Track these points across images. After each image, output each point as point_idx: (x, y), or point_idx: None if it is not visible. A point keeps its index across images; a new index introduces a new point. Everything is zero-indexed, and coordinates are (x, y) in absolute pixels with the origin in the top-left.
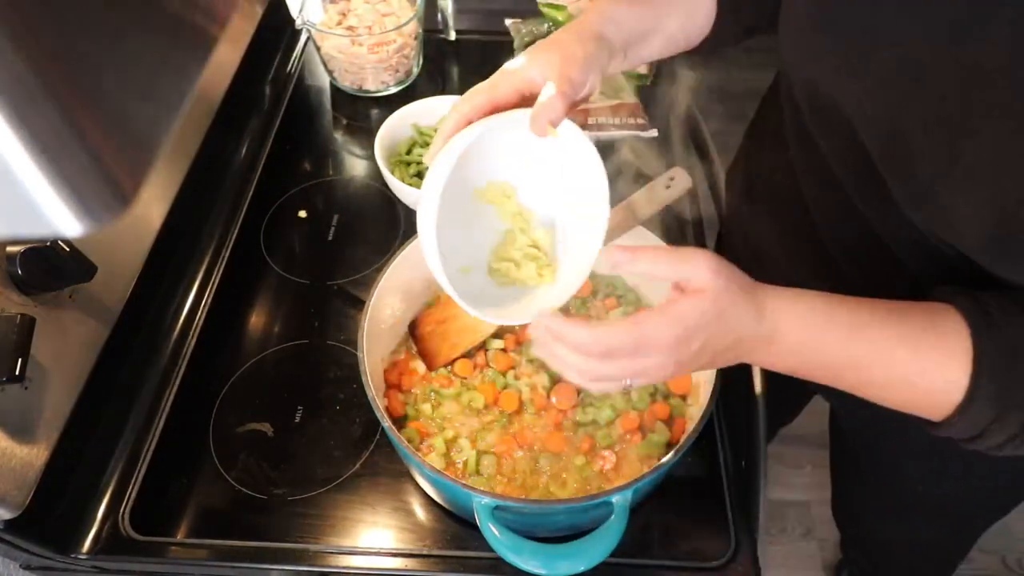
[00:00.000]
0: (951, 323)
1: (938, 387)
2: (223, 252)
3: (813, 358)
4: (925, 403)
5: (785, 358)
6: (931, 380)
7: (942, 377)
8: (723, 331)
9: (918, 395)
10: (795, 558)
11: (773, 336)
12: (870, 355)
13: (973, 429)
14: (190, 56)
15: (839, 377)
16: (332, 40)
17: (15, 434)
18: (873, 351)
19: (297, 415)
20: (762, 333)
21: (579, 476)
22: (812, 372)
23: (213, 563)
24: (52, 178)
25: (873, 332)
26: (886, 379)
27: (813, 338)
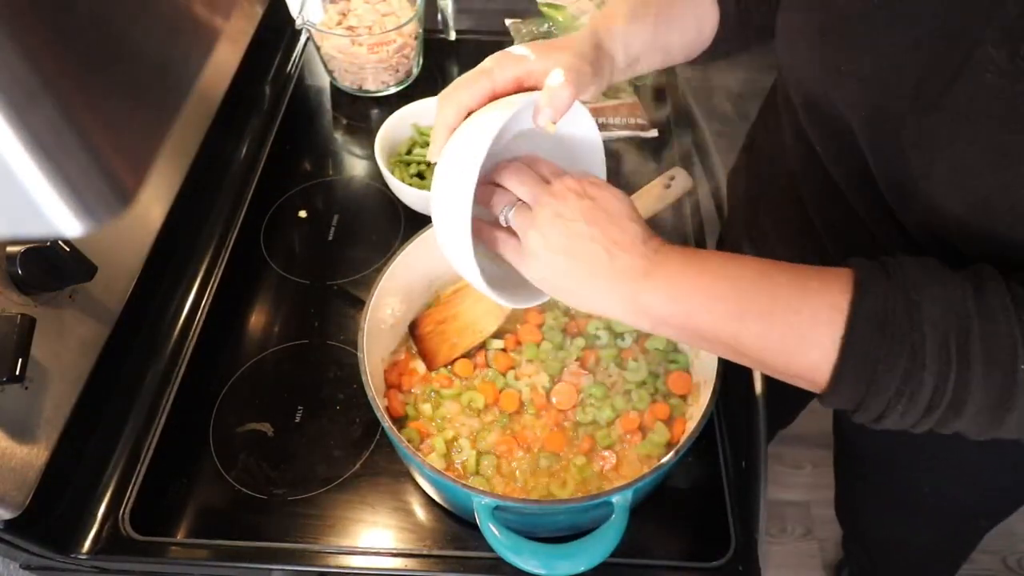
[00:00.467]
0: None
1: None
2: (223, 252)
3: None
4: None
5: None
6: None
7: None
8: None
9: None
10: (795, 558)
11: (654, 264)
12: (750, 305)
13: (855, 395)
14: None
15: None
16: (332, 40)
17: (15, 434)
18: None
19: (297, 415)
20: (643, 252)
21: (579, 476)
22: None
23: (213, 563)
24: (52, 178)
25: (756, 285)
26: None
27: (693, 270)
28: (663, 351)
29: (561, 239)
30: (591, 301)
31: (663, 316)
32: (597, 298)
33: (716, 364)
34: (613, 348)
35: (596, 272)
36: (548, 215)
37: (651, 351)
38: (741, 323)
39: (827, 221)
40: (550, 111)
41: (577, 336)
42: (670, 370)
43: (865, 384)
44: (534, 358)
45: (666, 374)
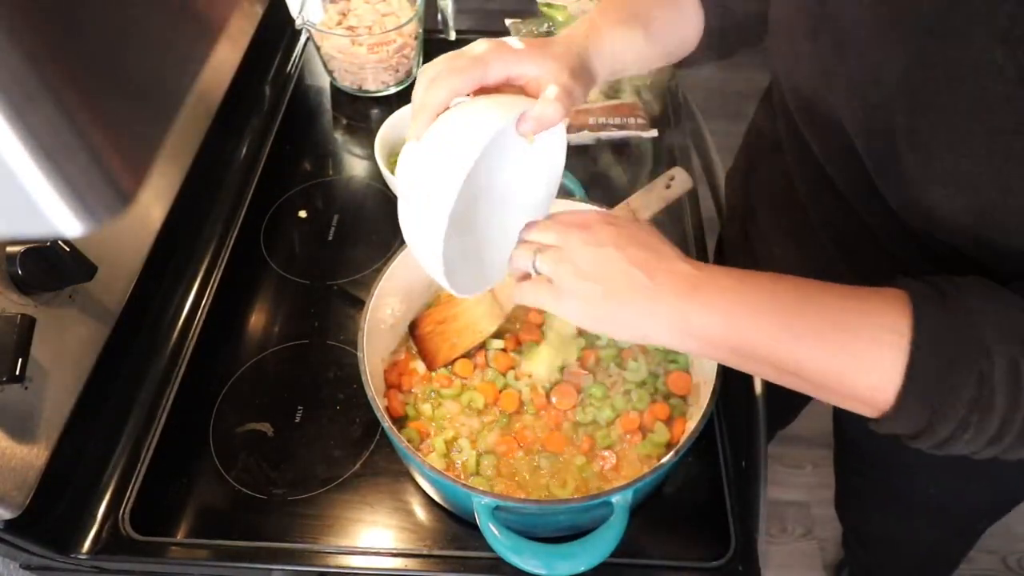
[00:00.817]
0: (890, 308)
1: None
2: (223, 252)
3: (739, 321)
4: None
5: (705, 312)
6: (864, 359)
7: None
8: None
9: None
10: (795, 558)
11: (700, 280)
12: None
13: (919, 420)
14: (190, 54)
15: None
16: (332, 40)
17: (15, 434)
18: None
19: (297, 415)
20: (686, 270)
21: (579, 476)
22: (735, 343)
23: (213, 563)
24: (52, 178)
25: (811, 304)
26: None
27: (745, 287)
28: (663, 351)
29: (595, 266)
30: (634, 327)
31: (714, 336)
32: (641, 323)
33: (716, 364)
34: (613, 348)
35: (637, 295)
36: (577, 244)
37: (651, 351)
38: (799, 343)
39: (826, 220)
40: (534, 123)
41: (577, 336)
42: (670, 370)
43: (930, 411)
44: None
45: (666, 374)
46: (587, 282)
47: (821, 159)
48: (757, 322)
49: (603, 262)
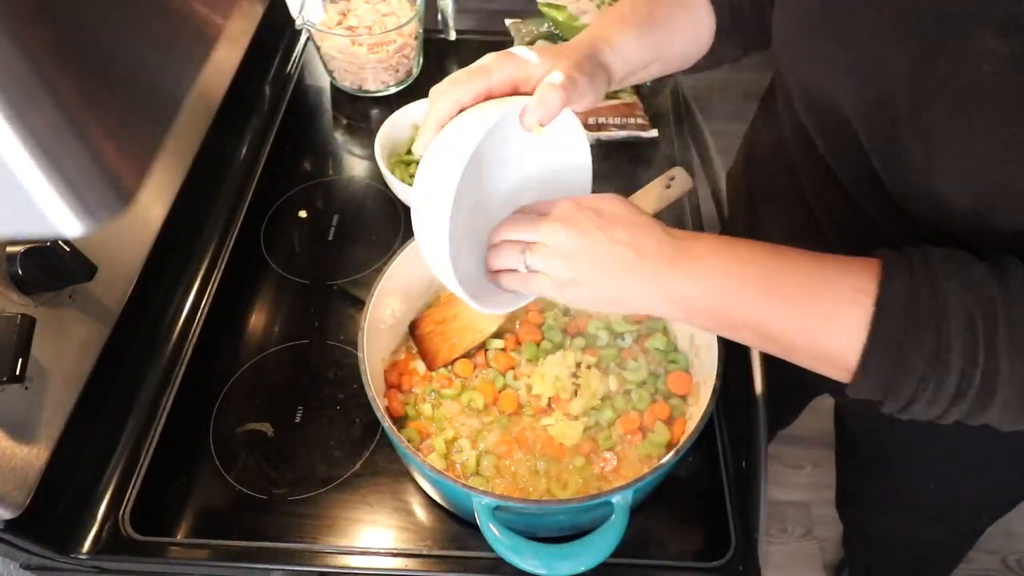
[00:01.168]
0: (862, 264)
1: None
2: (223, 252)
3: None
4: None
5: (686, 279)
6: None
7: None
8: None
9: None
10: (795, 558)
11: (679, 249)
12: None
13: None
14: (190, 54)
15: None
16: (332, 40)
17: (15, 434)
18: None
19: (297, 415)
20: (666, 240)
21: (579, 477)
22: (713, 308)
23: (213, 563)
24: (52, 178)
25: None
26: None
27: (720, 255)
28: (663, 351)
29: (586, 255)
30: (631, 302)
31: (695, 303)
32: (635, 297)
33: (716, 364)
34: (613, 348)
35: (627, 273)
36: (563, 239)
37: (651, 351)
38: (769, 306)
39: (831, 216)
40: (538, 112)
41: (577, 336)
42: (670, 370)
43: (892, 366)
44: (534, 357)
45: (666, 374)
46: (584, 270)
47: (826, 155)
48: (732, 287)
49: (593, 249)
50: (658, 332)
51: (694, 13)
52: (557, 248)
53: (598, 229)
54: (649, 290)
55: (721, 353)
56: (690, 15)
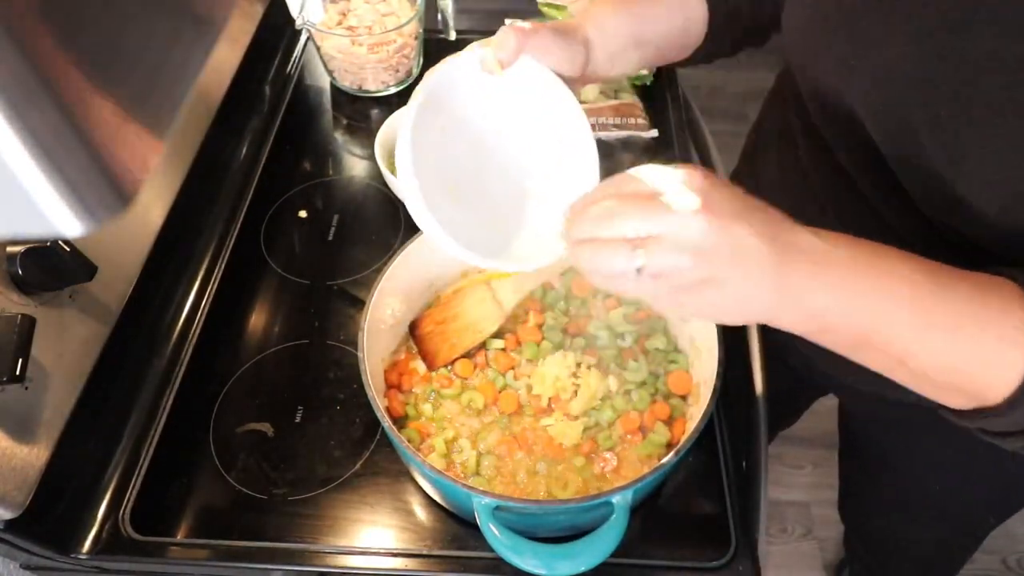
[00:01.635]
0: (1013, 298)
1: (999, 357)
2: (223, 252)
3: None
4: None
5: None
6: (992, 349)
7: (1004, 342)
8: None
9: (971, 372)
10: (795, 558)
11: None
12: (934, 317)
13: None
14: (189, 54)
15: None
16: (332, 40)
17: (15, 434)
18: (937, 316)
19: (297, 415)
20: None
21: (579, 477)
22: (855, 327)
23: (213, 563)
24: (52, 178)
25: (937, 294)
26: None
27: (872, 269)
28: (663, 351)
29: (724, 250)
30: (757, 310)
31: (833, 319)
32: (766, 306)
33: (716, 364)
34: (613, 348)
35: (767, 276)
36: (698, 231)
37: (651, 351)
38: (920, 337)
39: (844, 217)
40: (493, 50)
41: (577, 336)
42: (670, 370)
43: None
44: (534, 356)
45: (666, 374)
46: (719, 269)
47: (841, 157)
48: (883, 311)
49: (735, 244)
50: (658, 332)
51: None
52: (688, 242)
53: (739, 219)
54: (785, 299)
55: (721, 353)
56: (681, 2)
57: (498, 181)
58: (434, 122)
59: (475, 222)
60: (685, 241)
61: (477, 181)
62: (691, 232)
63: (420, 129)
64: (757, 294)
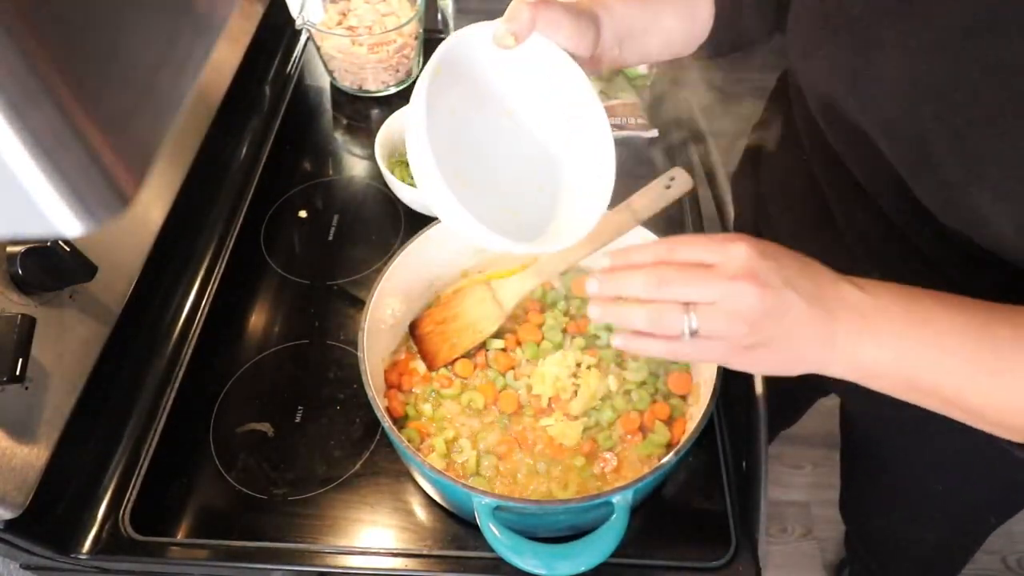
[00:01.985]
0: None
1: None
2: (223, 252)
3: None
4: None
5: (880, 346)
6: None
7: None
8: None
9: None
10: (795, 558)
11: (873, 309)
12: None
13: None
14: (189, 54)
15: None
16: (332, 40)
17: (15, 434)
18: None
19: (297, 415)
20: (854, 296)
21: (579, 477)
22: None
23: (213, 563)
24: (52, 178)
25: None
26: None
27: (917, 318)
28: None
29: (775, 318)
30: (811, 365)
31: (884, 369)
32: (820, 362)
33: (716, 364)
34: (613, 348)
35: (817, 337)
36: (751, 301)
37: None
38: (969, 380)
39: (850, 219)
40: (505, 24)
41: (577, 336)
42: (670, 370)
43: None
44: (533, 356)
45: (666, 374)
46: (769, 335)
47: (846, 161)
48: (931, 360)
49: (785, 312)
50: None
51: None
52: (740, 311)
53: (787, 286)
54: (836, 355)
55: None
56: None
57: (507, 160)
58: (445, 99)
59: (485, 202)
60: (738, 308)
61: (486, 159)
62: (743, 300)
63: (432, 104)
64: (807, 353)
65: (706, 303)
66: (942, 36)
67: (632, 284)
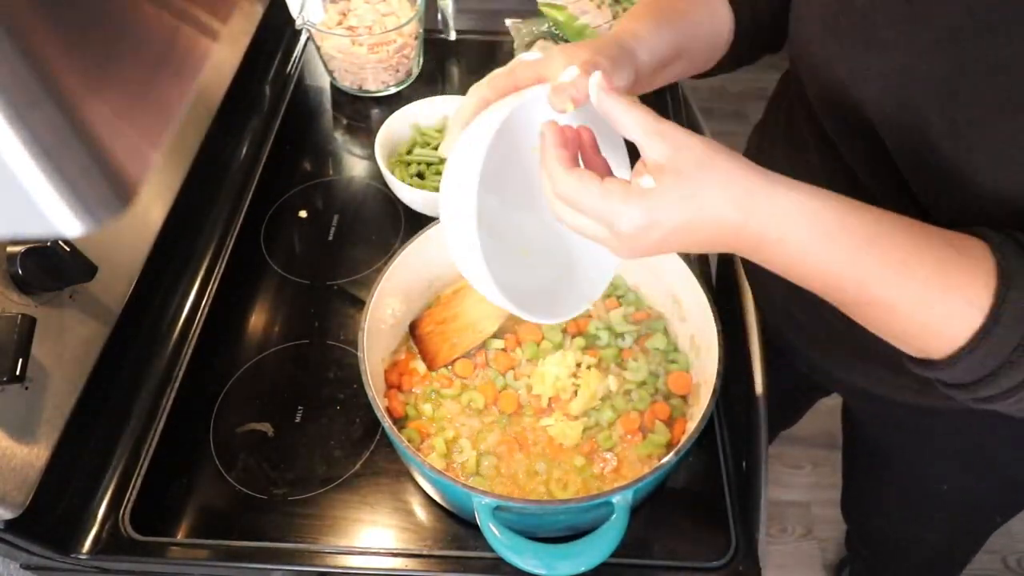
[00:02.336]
0: (975, 247)
1: (955, 310)
2: (223, 252)
3: (812, 267)
4: (932, 331)
5: (777, 258)
6: (948, 302)
7: (962, 298)
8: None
9: (927, 320)
10: (795, 558)
11: (764, 234)
12: (883, 269)
13: (980, 368)
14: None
15: (838, 289)
16: (332, 40)
17: (15, 434)
18: (887, 264)
19: (297, 415)
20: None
21: (579, 477)
22: (805, 279)
23: (213, 563)
24: (52, 178)
25: (890, 243)
26: (895, 298)
27: (816, 245)
28: (663, 351)
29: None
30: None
31: (790, 235)
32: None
33: (716, 364)
34: (613, 348)
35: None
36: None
37: (651, 351)
38: (890, 280)
39: None
40: (564, 89)
41: (577, 336)
42: (670, 370)
43: (1003, 357)
44: (534, 356)
45: (666, 374)
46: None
47: (848, 158)
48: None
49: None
50: (658, 332)
51: (713, 8)
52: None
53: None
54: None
55: (721, 353)
56: (709, 9)
57: (532, 219)
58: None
59: (507, 259)
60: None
61: (513, 217)
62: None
63: None
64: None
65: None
66: (942, 35)
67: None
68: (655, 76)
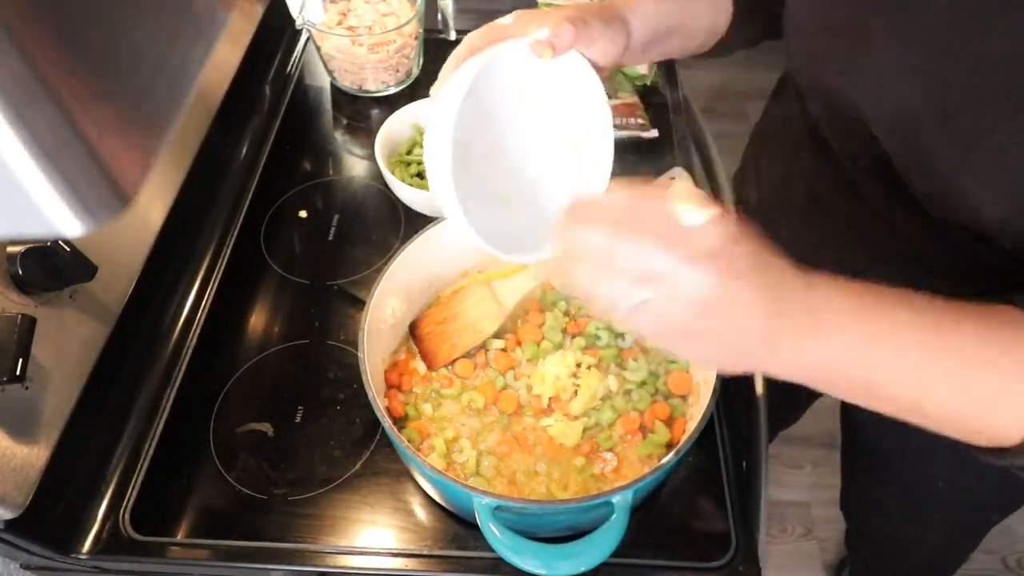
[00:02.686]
0: (1018, 328)
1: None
2: (223, 252)
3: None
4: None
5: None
6: (996, 397)
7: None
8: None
9: (995, 422)
10: (795, 558)
11: (821, 303)
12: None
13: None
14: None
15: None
16: (332, 40)
17: (15, 434)
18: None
19: (297, 415)
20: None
21: (579, 477)
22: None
23: (213, 563)
24: (52, 178)
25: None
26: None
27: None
28: (663, 351)
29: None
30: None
31: (834, 370)
32: (761, 361)
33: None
34: (613, 348)
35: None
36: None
37: (651, 351)
38: (927, 383)
39: (852, 222)
40: (547, 39)
41: (577, 336)
42: (670, 370)
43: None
44: (534, 356)
45: (666, 374)
46: (713, 324)
47: (846, 160)
48: (877, 354)
49: (734, 301)
50: None
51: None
52: (690, 292)
53: (750, 278)
54: (779, 358)
55: None
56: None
57: (511, 166)
58: (466, 104)
59: (485, 205)
60: (691, 291)
61: (491, 163)
62: (699, 283)
63: None
64: (747, 349)
65: (658, 275)
66: (932, 28)
67: (586, 239)
68: (649, 48)
